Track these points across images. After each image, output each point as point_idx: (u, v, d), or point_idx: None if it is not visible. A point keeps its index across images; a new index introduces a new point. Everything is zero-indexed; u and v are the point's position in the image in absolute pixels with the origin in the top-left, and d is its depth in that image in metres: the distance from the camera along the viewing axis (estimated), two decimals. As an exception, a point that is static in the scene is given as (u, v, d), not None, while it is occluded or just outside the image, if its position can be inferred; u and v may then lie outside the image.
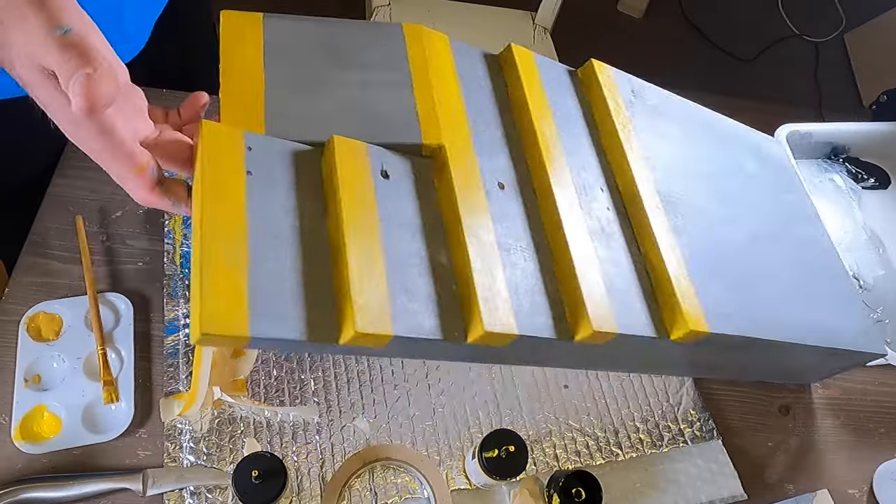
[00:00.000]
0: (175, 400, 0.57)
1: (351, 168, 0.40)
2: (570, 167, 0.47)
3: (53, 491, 0.51)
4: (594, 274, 0.43)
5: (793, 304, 0.55)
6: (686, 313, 0.45)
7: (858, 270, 0.75)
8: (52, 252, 0.64)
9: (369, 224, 0.38)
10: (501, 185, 0.45)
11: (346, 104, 0.44)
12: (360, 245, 0.37)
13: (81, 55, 0.32)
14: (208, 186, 0.36)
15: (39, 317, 0.59)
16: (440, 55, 0.48)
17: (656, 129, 0.55)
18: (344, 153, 0.40)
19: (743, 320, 0.49)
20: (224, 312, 0.32)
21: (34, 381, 0.57)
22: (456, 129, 0.45)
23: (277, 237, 0.37)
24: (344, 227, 0.37)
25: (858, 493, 0.64)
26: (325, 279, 0.37)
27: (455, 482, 0.57)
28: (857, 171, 0.84)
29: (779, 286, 0.55)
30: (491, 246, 0.41)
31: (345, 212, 0.38)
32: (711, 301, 0.47)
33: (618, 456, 0.61)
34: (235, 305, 0.33)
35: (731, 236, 0.54)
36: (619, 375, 0.65)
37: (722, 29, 2.08)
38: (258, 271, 0.34)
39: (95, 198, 0.68)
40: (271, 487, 0.49)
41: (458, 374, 0.63)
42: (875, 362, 0.69)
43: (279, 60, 0.44)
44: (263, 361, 0.61)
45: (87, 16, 0.34)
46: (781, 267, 0.57)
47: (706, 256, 0.50)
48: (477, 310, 0.38)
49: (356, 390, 0.61)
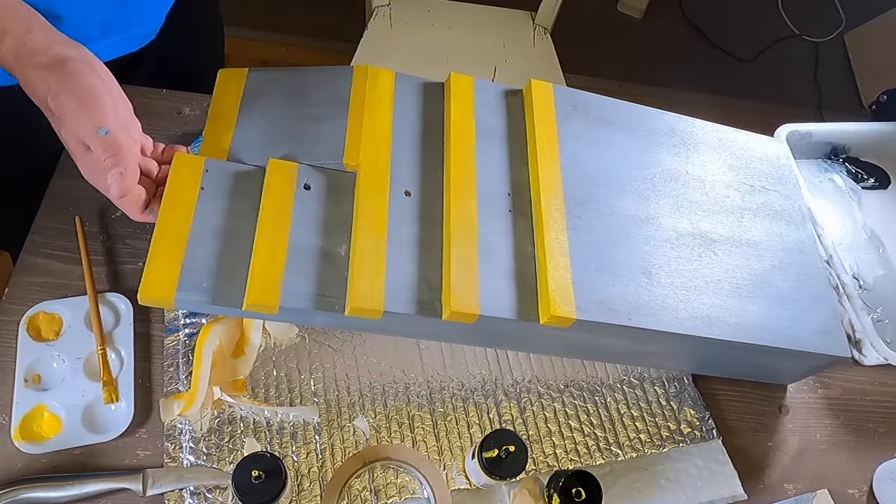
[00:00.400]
0: (175, 400, 0.57)
1: (279, 181, 0.53)
2: (479, 175, 0.57)
3: (53, 491, 0.51)
4: (469, 263, 0.52)
5: (722, 300, 0.58)
6: (553, 300, 0.52)
7: (858, 270, 0.75)
8: (52, 252, 0.64)
9: (282, 222, 0.52)
10: (408, 192, 0.55)
11: (293, 134, 0.57)
12: (270, 237, 0.51)
13: (116, 156, 0.48)
14: (168, 198, 0.51)
15: (39, 317, 0.60)
16: (382, 88, 0.60)
17: (593, 139, 0.62)
18: (274, 171, 0.54)
19: (631, 312, 0.54)
20: (156, 286, 0.48)
21: (34, 381, 0.57)
22: (377, 148, 0.56)
23: (212, 232, 0.51)
24: (261, 224, 0.51)
25: (858, 493, 0.64)
26: (242, 262, 0.50)
27: (455, 482, 0.57)
28: (857, 171, 0.84)
29: (710, 284, 0.59)
30: (379, 239, 0.52)
31: (263, 212, 0.52)
32: (591, 291, 0.54)
33: (618, 456, 0.61)
34: (167, 281, 0.48)
35: (651, 235, 0.59)
36: (619, 376, 0.65)
37: (722, 29, 2.08)
38: (190, 256, 0.49)
39: (95, 198, 0.67)
40: (271, 487, 0.49)
41: (457, 374, 0.63)
42: (875, 362, 0.69)
43: (252, 104, 0.58)
44: (263, 361, 0.61)
45: (122, 117, 0.49)
46: (723, 267, 0.60)
47: (602, 252, 0.56)
48: (352, 288, 0.50)
49: (356, 390, 0.61)
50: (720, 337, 0.56)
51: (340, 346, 0.62)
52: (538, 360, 0.64)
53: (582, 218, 0.57)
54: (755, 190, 0.66)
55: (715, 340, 0.56)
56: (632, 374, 0.65)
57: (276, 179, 0.53)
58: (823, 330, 0.60)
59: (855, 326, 0.69)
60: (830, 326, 0.61)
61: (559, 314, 0.52)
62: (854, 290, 0.69)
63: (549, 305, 0.52)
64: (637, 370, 0.65)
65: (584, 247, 0.56)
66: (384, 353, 0.63)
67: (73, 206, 0.66)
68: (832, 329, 0.61)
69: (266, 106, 0.58)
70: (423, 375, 0.62)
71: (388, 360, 0.63)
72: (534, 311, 0.53)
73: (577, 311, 0.52)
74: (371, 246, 0.52)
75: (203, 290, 0.48)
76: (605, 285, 0.55)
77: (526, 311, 0.52)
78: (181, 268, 0.48)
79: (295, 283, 0.50)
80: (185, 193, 0.51)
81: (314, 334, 0.63)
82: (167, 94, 0.75)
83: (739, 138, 0.70)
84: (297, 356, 0.62)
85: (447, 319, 0.51)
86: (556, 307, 0.52)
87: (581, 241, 0.56)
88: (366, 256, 0.51)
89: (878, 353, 0.66)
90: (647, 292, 0.56)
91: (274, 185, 0.53)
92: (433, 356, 0.63)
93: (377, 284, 0.50)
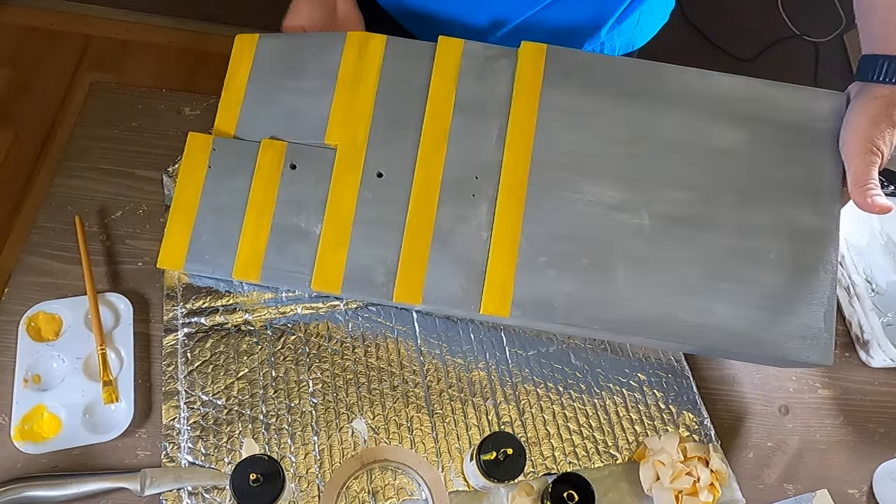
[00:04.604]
0: None
1: (269, 161, 0.58)
2: (449, 156, 0.57)
3: (52, 490, 0.51)
4: (421, 250, 0.54)
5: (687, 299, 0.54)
6: (490, 295, 0.54)
7: (871, 274, 0.75)
8: (52, 252, 0.64)
9: (268, 202, 0.57)
10: (380, 174, 0.57)
11: (286, 110, 0.59)
12: (257, 216, 0.57)
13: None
14: (182, 179, 0.58)
15: (39, 317, 0.60)
16: (370, 58, 0.59)
17: (577, 112, 0.57)
18: (265, 151, 0.58)
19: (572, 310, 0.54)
20: (171, 256, 0.57)
21: (34, 381, 0.57)
22: (356, 128, 0.58)
23: (215, 209, 0.58)
24: (250, 203, 0.57)
25: (858, 493, 0.64)
26: (235, 238, 0.57)
27: (453, 484, 0.57)
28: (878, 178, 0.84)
29: (677, 279, 0.54)
30: (347, 221, 0.56)
31: (252, 192, 0.57)
32: (533, 287, 0.54)
33: (616, 459, 0.61)
34: (179, 252, 0.57)
35: (619, 224, 0.55)
36: (619, 376, 0.65)
37: (722, 29, 2.08)
38: (198, 230, 0.57)
39: (95, 198, 0.68)
40: (269, 491, 0.49)
41: (457, 375, 0.63)
42: (882, 364, 0.69)
43: (259, 76, 0.61)
44: (262, 362, 0.61)
45: None
46: (700, 259, 0.55)
47: (555, 246, 0.55)
48: (317, 268, 0.55)
49: (354, 391, 0.61)
50: (667, 341, 0.54)
51: (340, 347, 0.62)
52: (538, 362, 0.64)
53: (543, 208, 0.56)
54: (773, 164, 0.57)
55: (672, 342, 0.54)
56: (632, 378, 0.65)
57: (266, 159, 0.58)
58: (804, 334, 0.54)
59: (864, 328, 0.69)
60: (814, 331, 0.54)
61: (493, 311, 0.53)
62: (865, 292, 0.69)
63: (486, 300, 0.53)
64: (637, 372, 0.65)
65: (536, 239, 0.55)
66: (383, 354, 0.63)
67: (73, 206, 0.67)
68: (816, 333, 0.54)
69: (269, 77, 0.60)
70: (422, 377, 0.62)
71: (387, 361, 0.63)
72: (476, 302, 0.54)
73: (512, 307, 0.53)
74: (338, 227, 0.56)
75: (205, 261, 0.57)
76: (549, 280, 0.54)
77: (468, 301, 0.54)
78: (189, 240, 0.57)
79: (274, 260, 0.56)
80: (196, 172, 0.58)
81: (314, 335, 0.63)
82: (167, 94, 0.75)
83: (775, 96, 0.58)
84: (297, 356, 0.62)
85: (396, 302, 0.55)
86: (491, 302, 0.53)
87: (534, 233, 0.55)
88: (332, 237, 0.56)
89: (886, 355, 0.66)
90: (598, 289, 0.54)
91: (264, 165, 0.58)
92: (433, 357, 0.63)
93: (338, 265, 0.55)
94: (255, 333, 0.62)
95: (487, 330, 0.65)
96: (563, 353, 0.65)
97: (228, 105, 0.60)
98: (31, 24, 1.76)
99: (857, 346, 0.71)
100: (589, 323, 0.54)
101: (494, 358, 0.64)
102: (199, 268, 0.57)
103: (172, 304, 0.62)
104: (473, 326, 0.65)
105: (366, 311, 0.65)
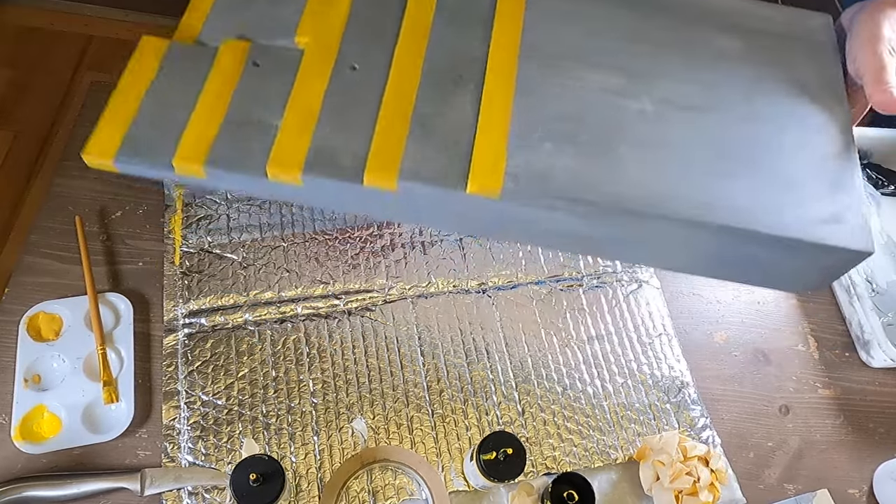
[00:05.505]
0: None
1: (228, 59, 0.54)
2: (430, 47, 0.54)
3: (52, 490, 0.51)
4: (398, 133, 0.50)
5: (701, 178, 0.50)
6: (479, 166, 0.49)
7: (872, 274, 0.75)
8: (52, 252, 0.64)
9: (223, 94, 0.52)
10: (353, 66, 0.54)
11: (257, 12, 0.56)
12: (209, 107, 0.51)
13: None
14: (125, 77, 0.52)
15: (39, 317, 0.60)
16: None
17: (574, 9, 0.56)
18: (226, 49, 0.54)
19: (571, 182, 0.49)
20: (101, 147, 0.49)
21: (34, 381, 0.57)
22: (331, 23, 0.55)
23: (162, 105, 0.51)
24: (202, 96, 0.52)
25: (858, 493, 0.64)
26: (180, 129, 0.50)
27: (453, 484, 0.57)
28: (877, 177, 0.84)
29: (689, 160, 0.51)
30: (312, 110, 0.51)
31: (206, 85, 0.52)
32: (528, 159, 0.49)
33: (616, 459, 0.61)
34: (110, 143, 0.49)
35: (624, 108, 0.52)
36: (619, 377, 0.65)
37: None
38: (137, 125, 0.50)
39: (95, 198, 0.68)
40: (270, 490, 0.49)
41: (457, 375, 0.63)
42: (883, 364, 0.69)
43: None
44: (262, 362, 0.61)
45: None
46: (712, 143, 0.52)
47: (553, 122, 0.51)
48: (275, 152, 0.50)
49: (354, 391, 0.61)
50: (684, 216, 0.49)
51: (340, 347, 0.63)
52: (538, 361, 0.64)
53: (536, 92, 0.52)
54: (773, 67, 0.57)
55: (680, 220, 0.49)
56: (632, 378, 0.65)
57: (226, 57, 0.54)
58: (836, 219, 0.50)
59: (864, 327, 0.69)
60: (847, 215, 0.50)
61: (482, 186, 0.48)
62: (865, 292, 0.69)
63: (473, 176, 0.48)
64: (637, 372, 0.65)
65: (530, 112, 0.51)
66: (384, 354, 0.63)
67: (73, 206, 0.67)
68: (849, 218, 0.50)
69: None
70: (422, 377, 0.62)
71: (387, 361, 0.63)
72: (462, 181, 0.49)
73: (505, 178, 0.48)
74: (302, 115, 0.51)
75: (142, 152, 0.50)
76: (546, 154, 0.50)
77: (452, 180, 0.49)
78: (126, 132, 0.50)
79: (223, 149, 0.50)
80: (144, 73, 0.53)
81: (314, 335, 0.63)
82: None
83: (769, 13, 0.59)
84: (297, 356, 0.62)
85: (367, 185, 0.49)
86: (480, 178, 0.48)
87: (528, 106, 0.51)
88: (295, 124, 0.51)
89: (886, 355, 0.66)
90: (600, 166, 0.50)
91: (224, 63, 0.54)
92: (433, 356, 0.63)
93: (300, 149, 0.50)
94: (255, 333, 0.62)
95: (488, 331, 0.65)
96: (563, 352, 0.65)
97: (190, 18, 0.56)
98: (31, 24, 1.76)
99: (857, 345, 0.71)
100: (588, 194, 0.49)
101: (495, 356, 0.64)
102: (133, 159, 0.49)
103: (173, 305, 0.62)
104: (474, 327, 0.65)
105: (366, 311, 0.65)
